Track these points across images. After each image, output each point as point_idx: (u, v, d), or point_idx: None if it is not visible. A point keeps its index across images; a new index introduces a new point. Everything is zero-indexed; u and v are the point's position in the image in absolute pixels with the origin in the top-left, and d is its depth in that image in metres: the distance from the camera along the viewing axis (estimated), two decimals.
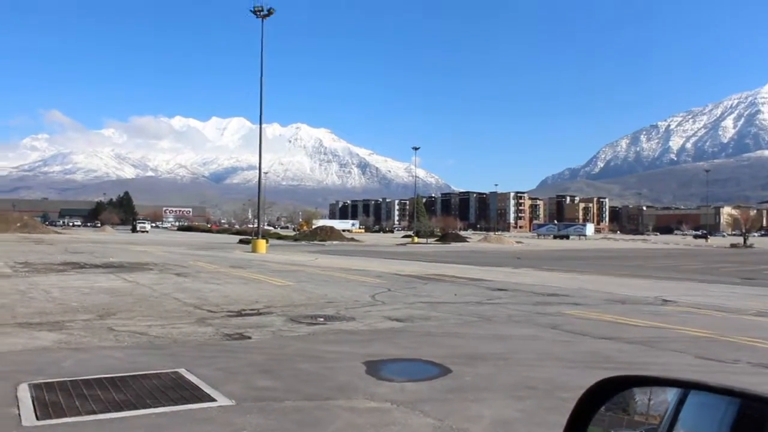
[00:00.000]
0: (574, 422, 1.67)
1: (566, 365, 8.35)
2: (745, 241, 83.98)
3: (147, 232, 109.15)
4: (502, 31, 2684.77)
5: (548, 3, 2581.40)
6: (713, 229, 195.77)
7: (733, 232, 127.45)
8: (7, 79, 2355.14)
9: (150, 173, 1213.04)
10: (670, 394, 1.58)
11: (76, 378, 7.15)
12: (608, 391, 1.67)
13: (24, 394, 6.49)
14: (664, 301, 16.45)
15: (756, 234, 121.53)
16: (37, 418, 5.74)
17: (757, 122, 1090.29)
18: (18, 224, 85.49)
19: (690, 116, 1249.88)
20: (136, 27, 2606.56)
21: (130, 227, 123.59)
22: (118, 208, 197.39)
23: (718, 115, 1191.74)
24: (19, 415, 5.84)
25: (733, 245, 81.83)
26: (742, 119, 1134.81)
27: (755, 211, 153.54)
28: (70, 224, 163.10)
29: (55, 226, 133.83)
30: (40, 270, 23.40)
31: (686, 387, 1.58)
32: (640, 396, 1.64)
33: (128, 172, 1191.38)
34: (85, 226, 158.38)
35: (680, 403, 1.54)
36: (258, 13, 43.64)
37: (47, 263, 27.10)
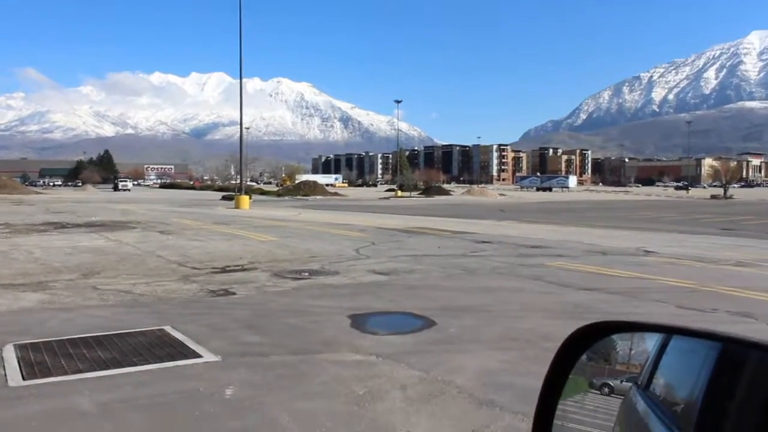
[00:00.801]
0: (557, 369, 1.68)
1: (549, 316, 8.44)
2: (725, 193, 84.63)
3: (129, 190, 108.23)
4: None
5: None
6: (694, 180, 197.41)
7: (714, 184, 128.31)
8: None
9: (130, 131, 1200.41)
10: (651, 342, 1.58)
11: (61, 337, 7.14)
12: (590, 337, 1.67)
13: (9, 354, 6.48)
14: (646, 252, 16.62)
15: (736, 185, 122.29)
16: (23, 378, 5.74)
17: (739, 73, 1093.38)
18: None
19: (673, 67, 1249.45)
20: None
21: (111, 186, 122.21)
22: (99, 167, 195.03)
23: (700, 66, 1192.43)
24: (5, 375, 5.83)
25: (713, 196, 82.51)
26: (724, 70, 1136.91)
27: (735, 163, 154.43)
28: (51, 184, 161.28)
29: (35, 186, 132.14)
30: (21, 231, 23.18)
31: (668, 332, 1.58)
32: (622, 344, 1.64)
33: (108, 130, 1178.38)
34: (66, 185, 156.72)
35: (661, 349, 1.54)
36: None
37: (28, 224, 26.85)
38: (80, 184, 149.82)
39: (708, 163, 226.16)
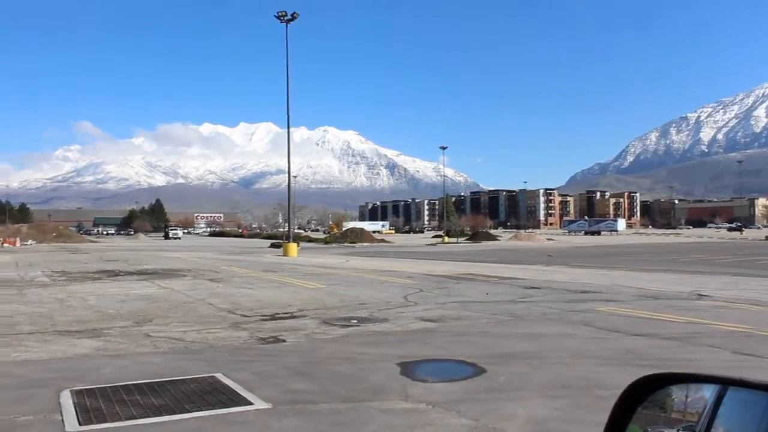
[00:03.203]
0: (615, 421, 1.69)
1: (601, 363, 8.30)
2: None
3: (179, 238, 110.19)
4: (528, 28, 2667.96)
5: None
6: (748, 221, 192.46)
7: None
8: (38, 93, 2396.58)
9: (180, 180, 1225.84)
10: (708, 392, 1.58)
11: (115, 384, 7.28)
12: (647, 389, 1.68)
13: (66, 400, 6.63)
14: (699, 296, 16.25)
15: None
16: (80, 424, 5.87)
17: None
18: (53, 234, 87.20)
19: (720, 106, 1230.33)
20: (160, 36, 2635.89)
21: (162, 234, 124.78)
22: (150, 216, 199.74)
23: (749, 105, 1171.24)
24: (63, 420, 5.97)
25: None
26: None
27: None
28: (104, 233, 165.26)
29: (90, 234, 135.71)
30: (76, 278, 23.81)
31: (724, 383, 1.58)
32: (678, 393, 1.65)
33: (159, 180, 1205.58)
34: (119, 234, 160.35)
35: (719, 400, 1.54)
36: (282, 18, 43.88)
37: (83, 272, 27.56)
38: (132, 232, 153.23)
39: (762, 203, 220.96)
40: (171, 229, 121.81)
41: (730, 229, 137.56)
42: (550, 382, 7.28)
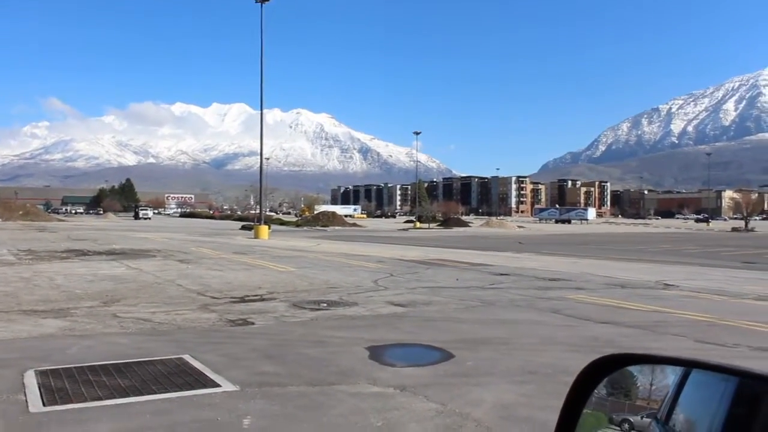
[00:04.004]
0: (573, 399, 1.69)
1: (568, 349, 8.39)
2: (746, 225, 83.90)
3: (149, 218, 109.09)
4: (503, 14, 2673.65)
5: None
6: (715, 213, 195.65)
7: (735, 216, 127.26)
8: (6, 68, 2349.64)
9: (151, 160, 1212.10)
10: (672, 377, 1.59)
11: (81, 364, 7.20)
12: (607, 369, 1.69)
13: (30, 380, 6.55)
14: (665, 286, 16.49)
15: (757, 218, 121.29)
16: (44, 405, 5.79)
17: (759, 105, 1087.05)
18: (20, 212, 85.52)
19: (691, 99, 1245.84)
20: (134, 12, 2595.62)
21: (132, 214, 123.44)
22: (120, 195, 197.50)
23: (719, 98, 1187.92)
24: (26, 401, 5.89)
25: (734, 229, 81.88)
26: (744, 102, 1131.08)
27: (756, 195, 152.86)
28: (73, 212, 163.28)
29: (58, 213, 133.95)
30: (43, 257, 23.47)
31: (684, 365, 1.59)
32: (642, 380, 1.66)
33: (130, 159, 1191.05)
34: (88, 213, 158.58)
35: (681, 384, 1.56)
36: None
37: (50, 251, 27.17)
38: (101, 212, 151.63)
39: (728, 195, 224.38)
40: (141, 209, 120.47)
41: (697, 221, 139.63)
42: (517, 367, 7.35)
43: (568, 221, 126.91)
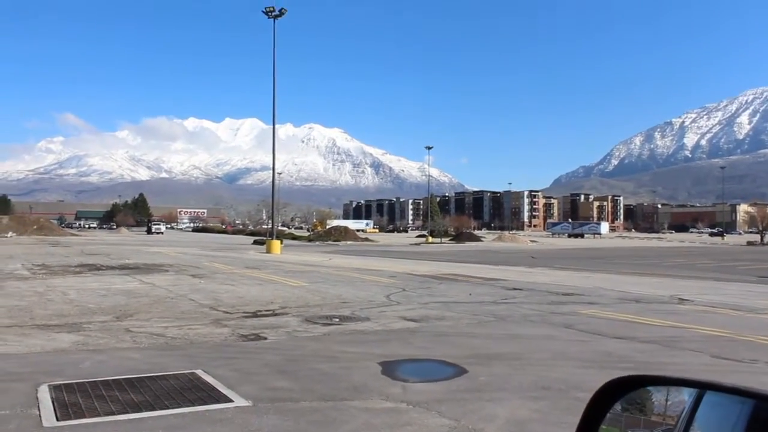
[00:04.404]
0: (588, 420, 1.69)
1: (581, 365, 8.34)
2: (761, 239, 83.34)
3: (162, 233, 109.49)
4: (516, 30, 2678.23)
5: (562, 0, 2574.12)
6: (729, 226, 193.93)
7: (750, 230, 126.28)
8: (21, 84, 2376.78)
9: (164, 175, 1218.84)
10: (687, 395, 1.59)
11: (94, 379, 7.23)
12: (620, 391, 1.69)
13: (44, 395, 6.57)
14: (680, 300, 16.37)
15: None
16: (57, 419, 5.81)
17: None
18: (35, 226, 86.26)
19: (704, 112, 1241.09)
20: (147, 28, 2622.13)
21: (145, 229, 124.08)
22: (133, 210, 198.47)
23: (733, 111, 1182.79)
24: (40, 415, 5.91)
25: (749, 243, 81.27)
26: (758, 115, 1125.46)
27: None
28: (86, 226, 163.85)
29: (71, 228, 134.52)
30: (57, 272, 23.61)
31: (697, 387, 1.59)
32: (657, 396, 1.65)
33: (143, 174, 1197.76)
34: (101, 228, 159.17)
35: (696, 402, 1.55)
36: (269, 13, 43.66)
37: (64, 265, 27.33)
38: (115, 226, 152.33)
39: (743, 209, 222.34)
40: (154, 224, 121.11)
41: (711, 234, 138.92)
42: (530, 383, 7.30)
43: (581, 235, 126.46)
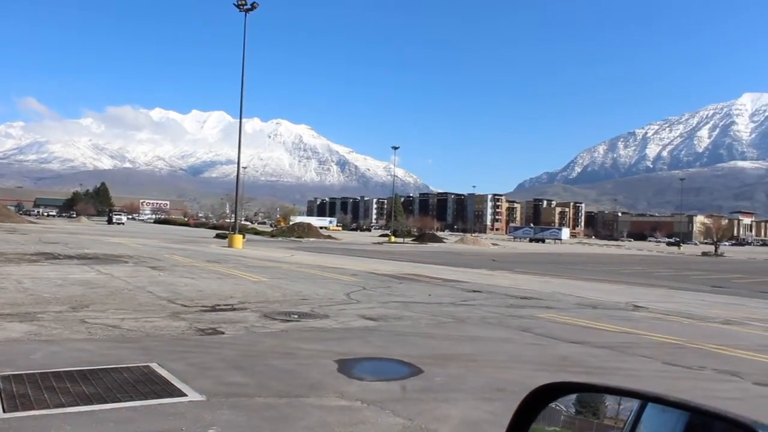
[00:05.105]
0: (518, 422, 1.71)
1: (536, 368, 8.43)
2: (716, 250, 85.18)
3: (123, 224, 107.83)
4: (484, 32, 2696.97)
5: (530, 5, 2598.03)
6: (686, 237, 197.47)
7: (705, 241, 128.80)
8: None
9: (128, 164, 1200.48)
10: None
11: (45, 370, 7.10)
12: (550, 396, 1.72)
13: None
14: (635, 307, 16.65)
15: (727, 243, 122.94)
16: (4, 411, 5.69)
17: (731, 133, 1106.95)
18: None
19: (667, 125, 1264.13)
20: (116, 15, 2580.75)
21: (106, 219, 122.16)
22: (95, 199, 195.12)
23: (694, 125, 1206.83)
24: None
25: (704, 253, 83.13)
26: (717, 130, 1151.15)
27: (727, 221, 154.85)
28: (45, 214, 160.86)
29: (30, 215, 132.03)
30: (12, 260, 23.11)
31: (622, 395, 1.62)
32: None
33: (106, 163, 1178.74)
34: (60, 216, 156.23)
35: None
36: (241, 6, 43.39)
37: (20, 253, 26.77)
38: (75, 215, 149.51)
39: (700, 220, 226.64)
40: (115, 214, 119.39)
41: (669, 244, 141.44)
42: (485, 384, 7.37)
43: (542, 240, 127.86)
